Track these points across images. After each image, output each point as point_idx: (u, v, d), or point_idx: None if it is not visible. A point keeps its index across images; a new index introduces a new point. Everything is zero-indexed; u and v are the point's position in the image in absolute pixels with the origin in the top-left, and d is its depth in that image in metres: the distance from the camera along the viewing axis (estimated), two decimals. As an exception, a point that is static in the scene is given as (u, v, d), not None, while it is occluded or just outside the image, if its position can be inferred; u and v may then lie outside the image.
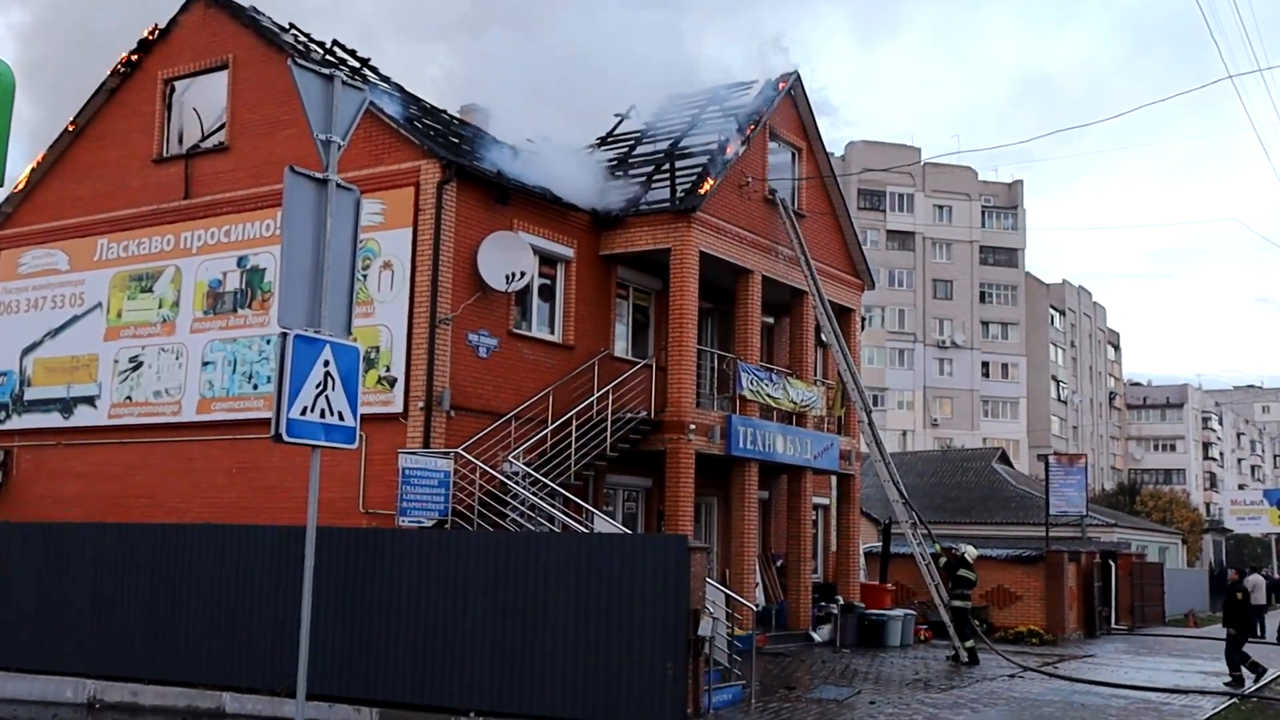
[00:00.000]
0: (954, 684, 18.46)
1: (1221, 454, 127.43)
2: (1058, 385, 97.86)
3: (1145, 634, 32.29)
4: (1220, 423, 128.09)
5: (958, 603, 22.45)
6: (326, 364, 8.69)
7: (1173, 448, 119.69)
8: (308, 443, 8.53)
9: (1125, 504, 70.83)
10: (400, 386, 18.65)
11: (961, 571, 22.77)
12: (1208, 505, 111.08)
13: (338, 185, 9.20)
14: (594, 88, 23.47)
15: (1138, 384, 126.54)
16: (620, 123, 26.50)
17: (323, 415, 8.63)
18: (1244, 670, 19.65)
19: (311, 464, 8.65)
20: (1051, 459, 38.20)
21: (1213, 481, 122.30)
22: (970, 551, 23.48)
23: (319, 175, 9.11)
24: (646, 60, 23.88)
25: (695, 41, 24.49)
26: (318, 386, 8.62)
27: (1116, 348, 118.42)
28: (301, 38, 22.62)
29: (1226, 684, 19.26)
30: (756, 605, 22.72)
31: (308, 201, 9.07)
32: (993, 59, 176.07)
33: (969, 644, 21.83)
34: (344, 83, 9.49)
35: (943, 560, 23.54)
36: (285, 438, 8.38)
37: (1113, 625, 32.46)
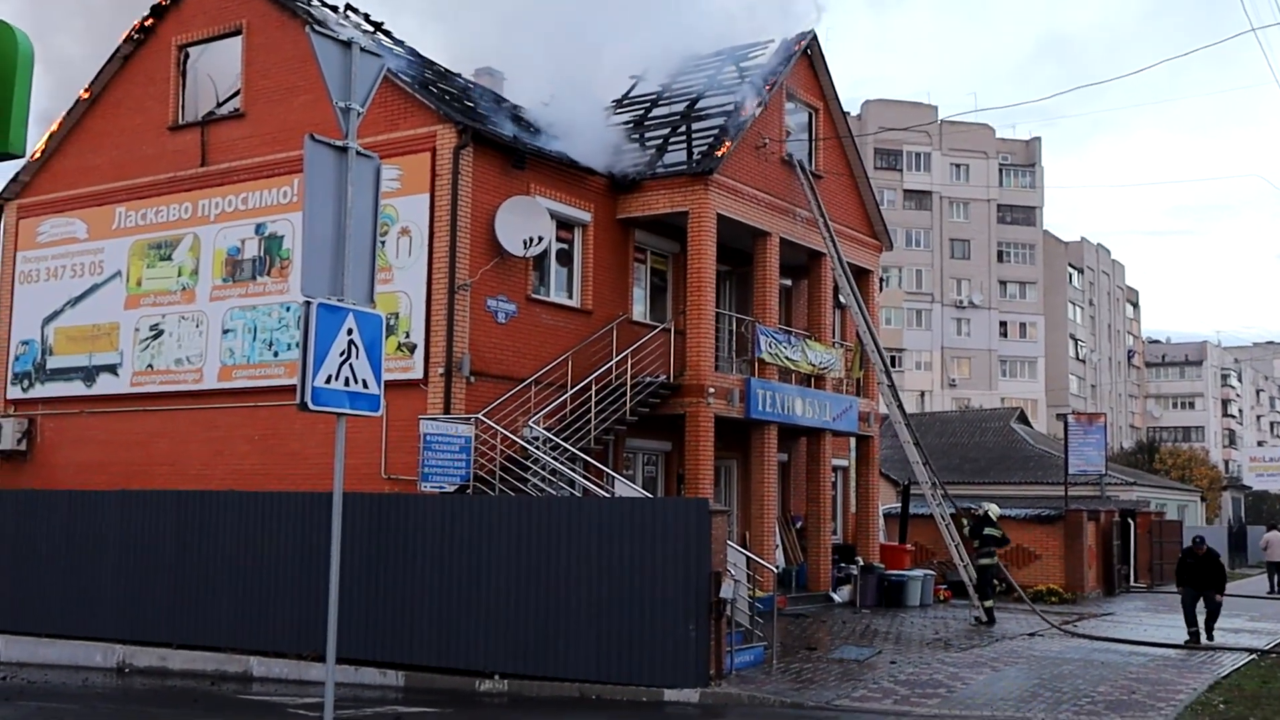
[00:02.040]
0: (974, 643, 18.55)
1: (1240, 411, 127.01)
2: (1076, 344, 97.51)
3: (1164, 592, 32.33)
4: (1239, 379, 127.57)
5: (985, 560, 22.48)
6: (350, 332, 8.72)
7: (1191, 405, 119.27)
8: (333, 411, 8.58)
9: (1144, 462, 70.77)
10: (420, 353, 18.72)
11: (987, 530, 22.78)
12: (1227, 463, 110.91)
13: (357, 153, 9.19)
14: (609, 49, 23.34)
15: (1156, 342, 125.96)
16: (635, 85, 26.36)
17: (347, 384, 8.67)
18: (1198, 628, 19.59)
19: (337, 432, 8.71)
20: (1070, 418, 38.09)
21: (1232, 439, 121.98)
22: (993, 509, 23.46)
23: (339, 143, 9.10)
24: (662, 19, 23.76)
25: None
26: (341, 355, 8.65)
27: (1135, 305, 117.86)
28: (315, 2, 22.54)
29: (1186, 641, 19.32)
30: (777, 567, 22.84)
31: (328, 170, 9.07)
32: (1012, 17, 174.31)
33: (988, 603, 21.91)
34: (362, 49, 9.47)
35: (965, 524, 23.54)
36: (311, 406, 8.43)
37: (1131, 583, 32.52)
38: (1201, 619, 19.45)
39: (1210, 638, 19.42)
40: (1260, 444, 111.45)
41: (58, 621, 17.36)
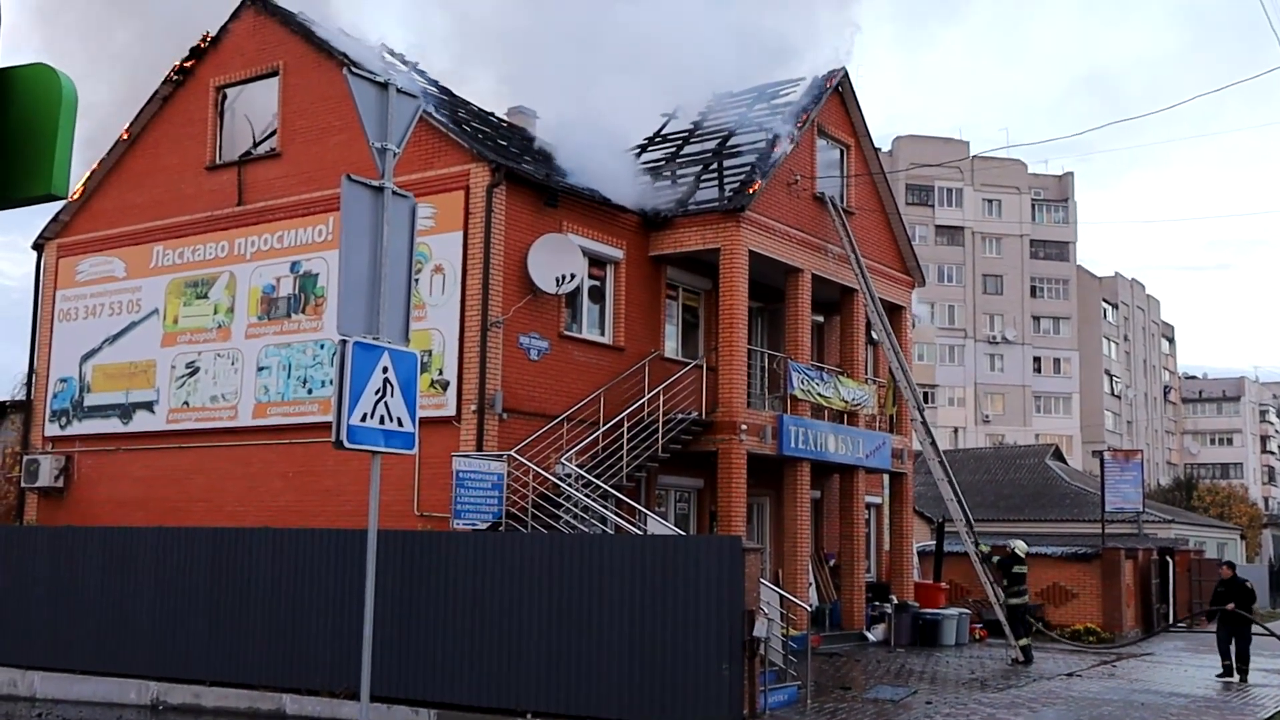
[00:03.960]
0: (1011, 683, 18.35)
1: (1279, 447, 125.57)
2: (1111, 380, 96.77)
3: (1204, 631, 31.88)
4: (1278, 415, 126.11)
5: (1015, 600, 22.29)
6: (385, 370, 8.78)
7: (1229, 441, 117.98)
8: (368, 449, 8.63)
9: (1182, 499, 69.95)
10: (453, 390, 18.80)
11: (1016, 568, 22.60)
12: (1266, 500, 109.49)
13: (394, 193, 9.28)
14: (642, 87, 23.49)
15: (1193, 377, 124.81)
16: (668, 122, 26.54)
17: (382, 421, 8.72)
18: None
19: (372, 470, 8.76)
20: (1107, 455, 37.77)
21: (1271, 475, 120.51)
22: (1020, 546, 23.27)
23: (375, 183, 9.20)
24: (694, 57, 23.90)
25: (744, 33, 24.26)
26: (377, 393, 8.71)
27: (1171, 341, 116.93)
28: (350, 43, 22.82)
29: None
30: (810, 605, 22.69)
31: (364, 209, 9.15)
32: (1046, 54, 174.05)
33: (1024, 642, 21.68)
34: (399, 91, 9.58)
35: (995, 559, 23.36)
36: (346, 444, 8.47)
37: (1171, 623, 32.10)
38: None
39: (1244, 674, 19.52)
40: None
41: (92, 658, 17.45)
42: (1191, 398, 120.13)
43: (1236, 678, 19.63)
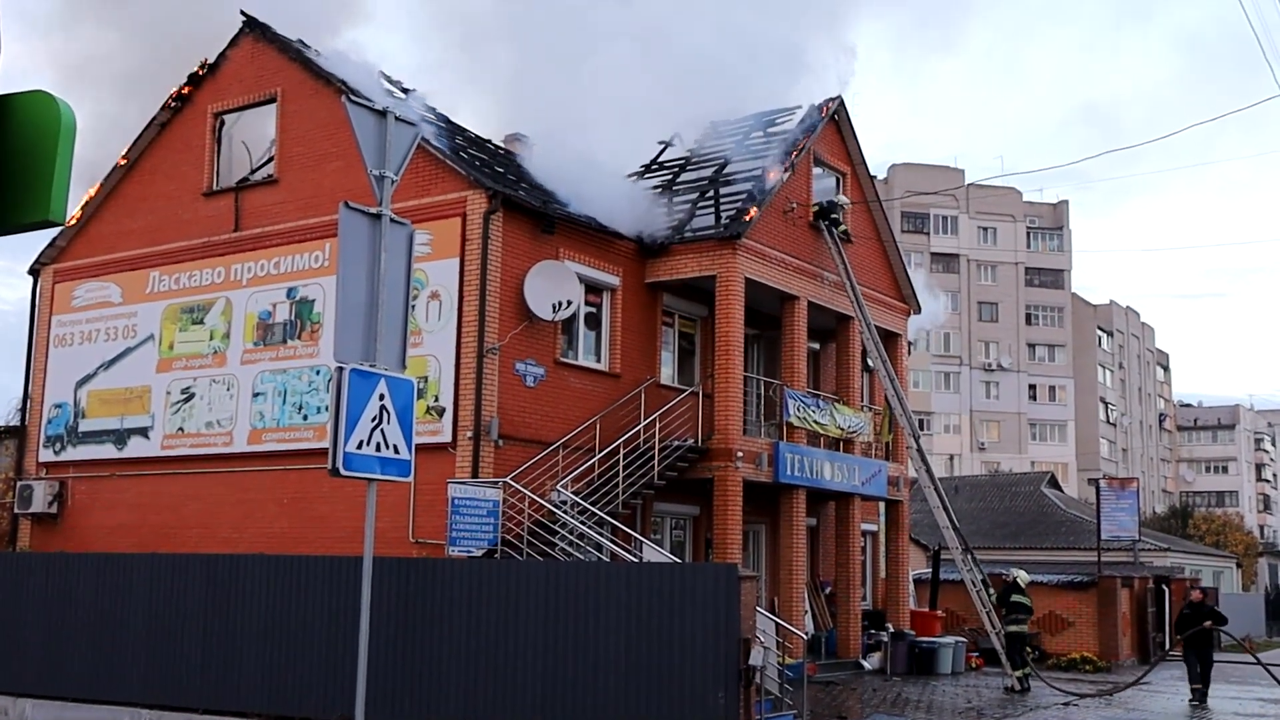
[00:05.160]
0: (1007, 712, 18.28)
1: (1275, 475, 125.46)
2: (1106, 407, 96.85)
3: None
4: (1274, 443, 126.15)
5: (1012, 628, 22.23)
6: (382, 398, 8.80)
7: (1225, 470, 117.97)
8: (365, 476, 8.63)
9: (1177, 528, 69.89)
10: (449, 416, 18.79)
11: (1015, 597, 22.54)
12: (1262, 528, 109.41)
13: (391, 220, 9.32)
14: (639, 114, 23.58)
15: (1188, 405, 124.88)
16: (664, 150, 26.63)
17: (378, 449, 8.74)
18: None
19: (368, 497, 8.75)
20: (1102, 483, 37.73)
21: (1267, 504, 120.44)
22: (1022, 576, 23.23)
23: (373, 210, 9.23)
24: (690, 85, 23.99)
25: (742, 58, 24.37)
26: (373, 420, 8.72)
27: (1166, 369, 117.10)
28: (349, 69, 22.88)
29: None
30: (806, 633, 22.62)
31: (362, 236, 9.19)
32: (1043, 84, 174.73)
33: (1020, 671, 21.61)
34: (397, 118, 9.63)
35: (991, 593, 23.29)
36: (343, 472, 8.48)
37: (1167, 651, 31.98)
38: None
39: (1204, 699, 20.15)
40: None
41: (86, 685, 17.32)
42: (1187, 425, 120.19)
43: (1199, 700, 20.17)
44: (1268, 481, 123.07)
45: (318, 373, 20.19)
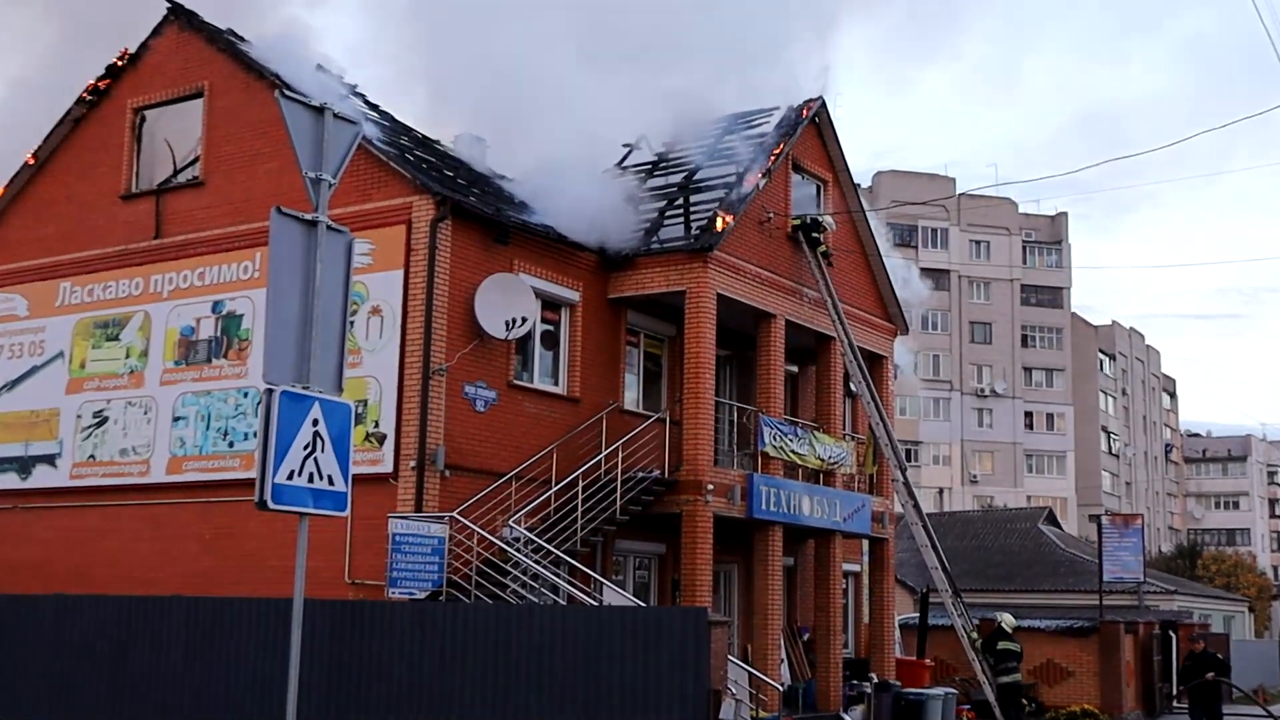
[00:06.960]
0: (1002, 771, 18.31)
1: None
2: (1108, 437, 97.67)
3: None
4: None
5: (1005, 679, 22.30)
6: (315, 423, 8.72)
7: (1236, 505, 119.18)
8: (296, 510, 8.55)
9: (1185, 568, 70.52)
10: (390, 444, 18.68)
11: (1002, 644, 22.62)
12: (1276, 569, 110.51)
13: (328, 227, 9.26)
14: (602, 114, 23.61)
15: (1196, 435, 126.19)
16: (630, 153, 26.63)
17: (311, 479, 8.66)
18: None
19: (299, 533, 8.67)
20: (1104, 519, 38.01)
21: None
22: (1008, 620, 23.32)
23: (308, 216, 9.17)
24: (659, 83, 24.08)
25: (719, 65, 24.52)
26: (306, 448, 8.64)
27: (1173, 395, 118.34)
28: (286, 65, 22.80)
29: None
30: (782, 684, 22.60)
31: (295, 245, 9.13)
32: (1041, 92, 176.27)
33: (1017, 726, 21.69)
34: (335, 115, 9.59)
35: (976, 639, 23.30)
36: (271, 505, 8.40)
37: (1175, 703, 32.21)
38: None
39: None
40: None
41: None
42: (1195, 457, 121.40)
43: None
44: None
45: (245, 395, 20.03)
